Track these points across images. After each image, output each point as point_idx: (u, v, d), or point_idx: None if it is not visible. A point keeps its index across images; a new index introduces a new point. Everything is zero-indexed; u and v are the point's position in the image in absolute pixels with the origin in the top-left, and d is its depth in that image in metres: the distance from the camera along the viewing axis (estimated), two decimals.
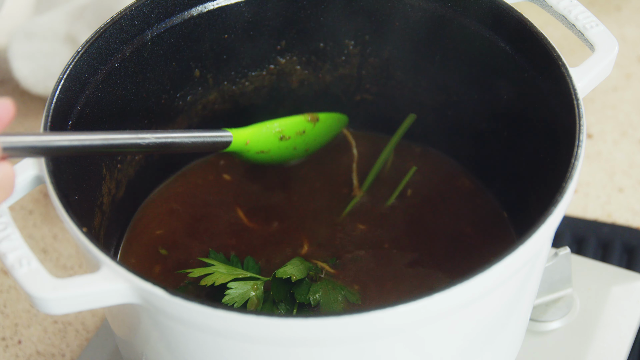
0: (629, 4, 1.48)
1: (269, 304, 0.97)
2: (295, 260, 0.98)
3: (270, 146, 1.06)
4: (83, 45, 0.96)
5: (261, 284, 0.97)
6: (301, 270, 0.98)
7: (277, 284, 0.96)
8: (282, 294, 0.97)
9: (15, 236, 0.83)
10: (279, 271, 0.97)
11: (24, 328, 1.16)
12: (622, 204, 1.25)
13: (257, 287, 0.97)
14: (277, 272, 0.96)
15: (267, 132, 1.06)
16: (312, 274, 0.99)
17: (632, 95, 1.37)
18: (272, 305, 0.97)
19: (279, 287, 0.97)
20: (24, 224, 1.26)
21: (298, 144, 1.08)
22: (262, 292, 0.97)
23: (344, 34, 1.09)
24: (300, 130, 1.07)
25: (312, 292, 0.97)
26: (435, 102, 1.09)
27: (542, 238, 0.83)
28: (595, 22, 0.96)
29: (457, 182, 1.09)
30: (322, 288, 0.97)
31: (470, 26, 1.02)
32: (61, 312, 0.80)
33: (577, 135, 0.88)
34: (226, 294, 0.96)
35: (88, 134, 0.87)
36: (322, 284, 0.98)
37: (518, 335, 0.97)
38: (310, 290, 0.97)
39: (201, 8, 1.04)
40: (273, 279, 0.96)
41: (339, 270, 1.01)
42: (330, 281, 0.98)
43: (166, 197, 1.09)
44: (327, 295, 0.97)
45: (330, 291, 0.97)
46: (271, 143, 1.06)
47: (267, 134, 1.06)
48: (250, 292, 0.97)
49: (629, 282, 1.12)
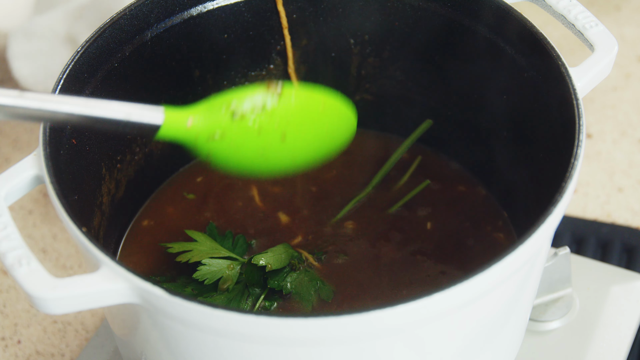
0: (629, 4, 1.48)
1: (240, 286, 0.97)
2: (279, 248, 0.98)
3: (223, 128, 0.84)
4: (83, 45, 0.96)
5: (237, 265, 0.97)
6: (281, 260, 0.98)
7: (252, 268, 0.97)
8: (255, 278, 0.97)
9: (14, 236, 0.83)
10: (255, 257, 0.97)
11: (23, 328, 1.16)
12: (621, 204, 1.26)
13: (233, 267, 0.97)
14: (253, 258, 0.97)
15: (212, 106, 0.86)
16: (294, 262, 0.99)
17: (632, 95, 1.37)
18: (244, 287, 0.97)
19: (253, 272, 0.97)
20: (23, 224, 1.26)
21: (264, 128, 0.85)
22: (237, 273, 0.97)
23: (344, 33, 1.09)
24: (257, 105, 0.85)
25: (287, 280, 0.97)
26: (435, 102, 1.09)
27: (541, 238, 0.83)
28: (595, 22, 0.96)
29: (457, 182, 1.09)
30: (298, 278, 0.97)
31: (470, 26, 1.02)
32: (61, 312, 0.80)
33: (577, 135, 0.88)
34: (199, 269, 0.97)
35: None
36: (299, 274, 0.98)
37: (518, 335, 0.97)
38: (286, 278, 0.97)
39: (201, 8, 1.04)
40: (248, 262, 0.97)
41: (323, 264, 1.01)
42: (309, 272, 0.98)
43: (166, 197, 1.09)
44: (300, 285, 0.97)
45: (306, 283, 0.97)
46: (222, 123, 0.85)
47: (212, 110, 0.85)
48: (225, 270, 0.97)
49: (628, 282, 1.12)
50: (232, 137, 0.85)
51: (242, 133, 0.85)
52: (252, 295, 0.97)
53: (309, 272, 0.99)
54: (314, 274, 0.99)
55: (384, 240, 1.03)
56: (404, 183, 1.08)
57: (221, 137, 0.84)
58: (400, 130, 1.12)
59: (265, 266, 0.96)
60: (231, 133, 0.85)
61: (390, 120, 1.12)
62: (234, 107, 0.84)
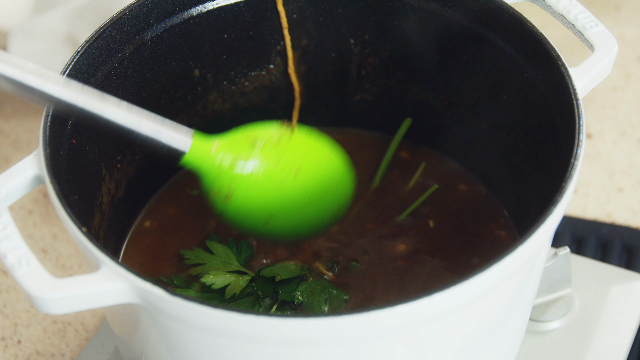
0: (629, 4, 1.48)
1: (252, 298, 0.97)
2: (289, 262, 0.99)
3: (245, 154, 0.92)
4: (83, 45, 0.96)
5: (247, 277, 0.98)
6: (290, 270, 0.98)
7: (262, 281, 0.97)
8: (267, 290, 0.97)
9: (14, 236, 0.83)
10: (264, 270, 0.97)
11: (23, 328, 1.16)
12: (621, 204, 1.26)
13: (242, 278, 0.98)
14: (262, 271, 0.97)
15: (234, 136, 0.94)
16: (304, 272, 0.99)
17: (632, 95, 1.37)
18: (255, 299, 0.97)
19: (264, 284, 0.97)
20: (23, 224, 1.26)
21: (279, 159, 0.94)
22: (245, 282, 0.97)
23: (344, 33, 1.09)
24: (274, 137, 0.94)
25: (298, 291, 0.97)
26: (435, 102, 1.09)
27: (541, 238, 0.83)
28: (595, 22, 0.96)
29: (457, 182, 1.09)
30: (309, 288, 0.97)
31: (470, 26, 1.02)
32: (61, 312, 0.80)
33: (577, 135, 0.88)
34: (209, 273, 0.98)
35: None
36: (309, 284, 0.98)
37: (517, 335, 0.97)
38: (297, 289, 0.97)
39: (201, 8, 1.04)
40: (257, 275, 0.97)
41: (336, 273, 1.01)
42: (320, 282, 0.98)
43: (166, 197, 1.09)
44: (311, 296, 0.97)
45: (317, 293, 0.97)
46: (243, 151, 0.93)
47: (235, 138, 0.94)
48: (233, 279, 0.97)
49: (628, 282, 1.12)
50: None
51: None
52: (262, 307, 0.97)
53: (320, 281, 0.98)
54: (325, 282, 0.99)
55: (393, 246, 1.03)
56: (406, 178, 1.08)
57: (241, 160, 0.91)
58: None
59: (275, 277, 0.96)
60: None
61: (390, 120, 1.12)
62: (254, 137, 0.93)
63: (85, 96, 0.86)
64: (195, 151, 0.90)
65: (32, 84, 0.84)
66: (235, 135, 0.94)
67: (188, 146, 0.90)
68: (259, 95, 1.12)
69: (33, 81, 0.84)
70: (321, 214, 0.98)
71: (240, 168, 0.93)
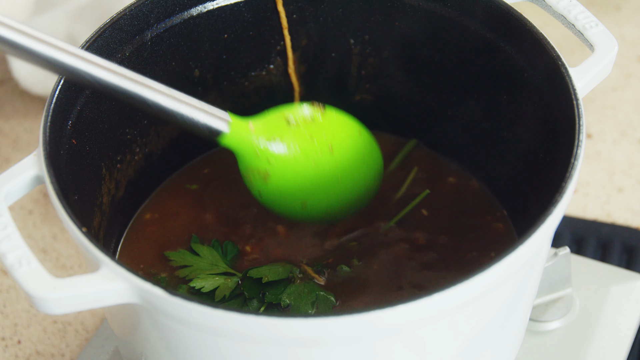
0: (629, 4, 1.48)
1: (240, 300, 0.97)
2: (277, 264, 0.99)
3: (281, 132, 0.94)
4: (83, 45, 0.96)
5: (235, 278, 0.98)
6: (278, 272, 0.97)
7: (249, 282, 0.97)
8: (254, 291, 0.97)
9: (15, 236, 0.83)
10: (251, 271, 0.97)
11: (23, 328, 1.16)
12: (621, 204, 1.26)
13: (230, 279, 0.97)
14: (250, 272, 0.97)
15: (269, 115, 0.96)
16: (292, 275, 0.98)
17: (632, 95, 1.37)
18: (242, 301, 0.97)
19: (251, 285, 0.97)
20: (23, 224, 1.26)
21: (314, 136, 0.96)
22: (234, 283, 0.97)
23: (344, 33, 1.09)
24: (307, 115, 0.96)
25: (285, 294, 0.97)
26: (435, 102, 1.09)
27: (541, 238, 0.83)
28: (595, 22, 0.96)
29: (457, 182, 1.09)
30: (297, 290, 0.97)
31: (470, 26, 1.02)
32: (61, 312, 0.80)
33: (577, 135, 0.88)
34: (198, 277, 0.98)
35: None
36: (297, 287, 0.97)
37: (518, 335, 0.97)
38: (285, 291, 0.97)
39: (201, 8, 1.04)
40: (244, 276, 0.97)
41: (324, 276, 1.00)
42: (307, 284, 0.98)
43: (166, 197, 1.09)
44: (299, 298, 0.97)
45: (305, 295, 0.97)
46: (280, 128, 0.95)
47: (269, 117, 0.95)
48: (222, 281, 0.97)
49: (628, 282, 1.12)
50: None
51: (295, 140, 0.93)
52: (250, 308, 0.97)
53: (308, 283, 0.98)
54: (313, 285, 0.98)
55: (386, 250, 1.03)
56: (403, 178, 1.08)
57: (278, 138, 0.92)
58: (401, 131, 1.12)
59: (262, 278, 0.96)
60: (286, 137, 0.93)
61: (390, 120, 1.12)
62: (288, 116, 0.94)
63: (129, 80, 0.87)
64: (235, 131, 0.92)
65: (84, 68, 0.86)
66: (269, 115, 0.95)
67: (228, 126, 0.91)
68: (259, 95, 1.12)
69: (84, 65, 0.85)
70: (356, 190, 0.99)
71: (277, 147, 0.94)
